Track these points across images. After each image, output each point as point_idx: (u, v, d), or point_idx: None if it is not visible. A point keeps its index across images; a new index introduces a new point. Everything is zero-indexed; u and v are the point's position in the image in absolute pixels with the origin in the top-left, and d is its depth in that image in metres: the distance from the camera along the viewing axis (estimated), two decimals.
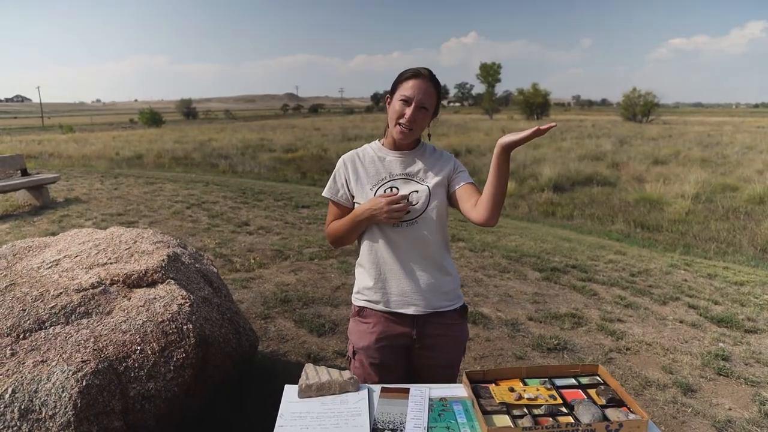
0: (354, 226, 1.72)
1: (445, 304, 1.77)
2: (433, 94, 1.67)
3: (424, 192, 1.72)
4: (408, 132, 1.68)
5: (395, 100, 1.67)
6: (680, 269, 6.19)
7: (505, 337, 3.80)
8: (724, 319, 4.33)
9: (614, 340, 3.83)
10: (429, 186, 1.73)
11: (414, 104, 1.64)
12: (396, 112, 1.67)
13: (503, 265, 5.70)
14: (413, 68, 1.68)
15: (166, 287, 2.23)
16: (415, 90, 1.63)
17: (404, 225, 1.71)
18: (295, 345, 3.54)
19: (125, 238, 2.70)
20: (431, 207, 1.71)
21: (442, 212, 1.75)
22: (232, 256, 5.60)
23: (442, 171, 1.77)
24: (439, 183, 1.74)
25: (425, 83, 1.65)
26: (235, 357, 2.40)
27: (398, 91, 1.67)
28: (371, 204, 1.66)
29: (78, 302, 2.03)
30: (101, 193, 9.45)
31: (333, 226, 1.79)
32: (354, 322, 1.83)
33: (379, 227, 1.72)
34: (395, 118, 1.67)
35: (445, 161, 1.80)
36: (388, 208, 1.62)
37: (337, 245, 1.81)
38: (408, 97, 1.64)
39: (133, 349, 1.87)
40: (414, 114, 1.65)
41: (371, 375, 1.75)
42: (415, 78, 1.65)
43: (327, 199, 1.82)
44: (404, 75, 1.67)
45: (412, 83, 1.64)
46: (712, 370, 3.40)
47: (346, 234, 1.75)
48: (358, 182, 1.76)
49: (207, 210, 8.07)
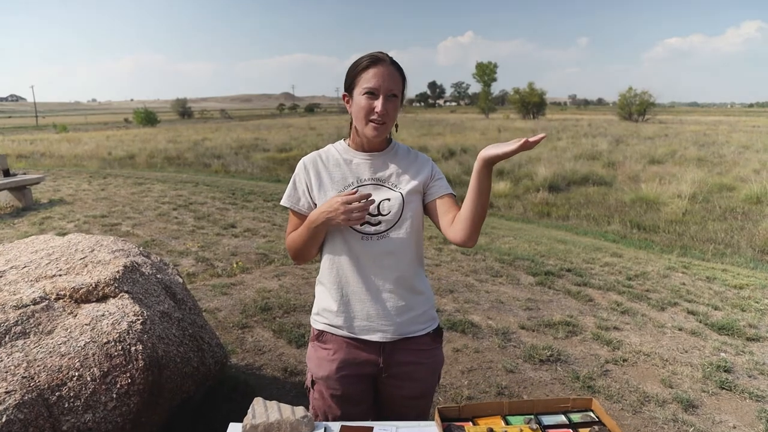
0: (311, 235, 1.49)
1: (416, 328, 1.55)
2: (398, 79, 1.46)
3: (396, 199, 1.50)
4: (382, 126, 1.46)
5: (357, 96, 1.45)
6: (678, 272, 6.01)
7: (495, 347, 3.60)
8: (725, 326, 4.14)
9: (610, 351, 3.63)
10: (402, 192, 1.52)
11: (382, 94, 1.42)
12: (363, 108, 1.44)
13: (496, 268, 5.50)
14: (367, 54, 1.46)
15: (117, 302, 2.02)
16: (379, 78, 1.42)
17: (373, 238, 1.49)
18: (272, 357, 3.34)
19: (82, 246, 2.49)
20: (405, 217, 1.50)
21: (417, 223, 1.53)
22: (215, 260, 5.39)
23: (418, 175, 1.55)
24: (414, 189, 1.53)
25: (387, 68, 1.43)
26: (197, 377, 2.20)
27: (359, 84, 1.45)
28: (326, 206, 1.43)
29: (15, 320, 1.82)
30: (87, 194, 9.23)
31: (290, 238, 1.56)
32: (313, 348, 1.60)
33: (344, 240, 1.50)
34: (364, 116, 1.45)
35: (421, 164, 1.58)
36: (345, 209, 1.38)
37: (299, 260, 1.58)
38: (373, 88, 1.42)
39: (69, 375, 1.66)
40: (385, 105, 1.42)
41: (333, 408, 1.54)
42: (374, 65, 1.43)
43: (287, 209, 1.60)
44: (360, 65, 1.45)
45: (374, 71, 1.42)
46: (714, 384, 3.21)
47: (304, 246, 1.52)
48: (321, 189, 1.53)
49: (194, 211, 7.86)
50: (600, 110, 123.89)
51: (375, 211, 1.49)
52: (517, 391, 3.03)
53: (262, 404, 1.31)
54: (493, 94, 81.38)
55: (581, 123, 43.82)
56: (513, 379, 3.17)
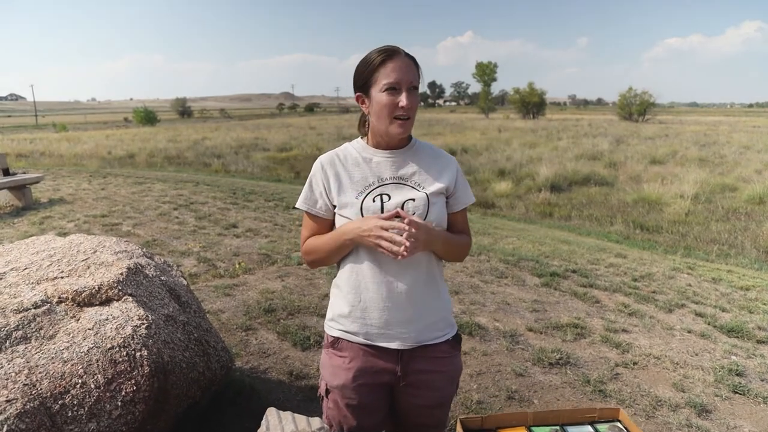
0: (338, 247, 1.42)
1: (434, 335, 1.49)
2: (415, 70, 1.40)
3: (421, 200, 1.43)
4: (408, 122, 1.40)
5: (377, 94, 1.37)
6: (683, 273, 5.95)
7: (503, 350, 3.54)
8: (734, 328, 4.09)
9: (620, 353, 3.57)
10: (427, 193, 1.44)
11: (404, 88, 1.36)
12: (386, 106, 1.37)
13: (500, 269, 5.44)
14: (379, 49, 1.39)
15: (121, 306, 1.96)
16: (398, 72, 1.35)
17: None
18: (277, 360, 3.27)
19: (84, 248, 2.43)
20: (429, 219, 1.42)
21: (441, 227, 1.46)
22: (217, 260, 5.33)
23: (442, 176, 1.49)
24: (438, 191, 1.46)
25: (404, 60, 1.38)
26: (203, 382, 2.14)
27: (377, 81, 1.37)
28: (362, 223, 1.37)
29: (15, 325, 1.76)
30: (88, 193, 9.16)
31: (311, 244, 1.48)
32: (327, 355, 1.53)
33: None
34: (388, 114, 1.37)
35: (445, 164, 1.52)
36: (379, 233, 1.32)
37: (315, 265, 1.51)
38: (394, 83, 1.35)
39: (72, 383, 1.60)
40: (409, 99, 1.36)
41: (348, 418, 1.48)
42: (390, 59, 1.36)
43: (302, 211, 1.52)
44: (375, 61, 1.37)
45: (392, 66, 1.36)
46: (727, 388, 3.16)
47: (326, 256, 1.45)
48: (340, 190, 1.45)
49: (195, 211, 7.79)
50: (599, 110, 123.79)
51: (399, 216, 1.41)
52: (527, 396, 2.98)
53: (275, 415, 1.25)
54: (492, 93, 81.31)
55: (581, 123, 43.78)
56: (523, 383, 3.11)
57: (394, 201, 1.42)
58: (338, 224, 1.47)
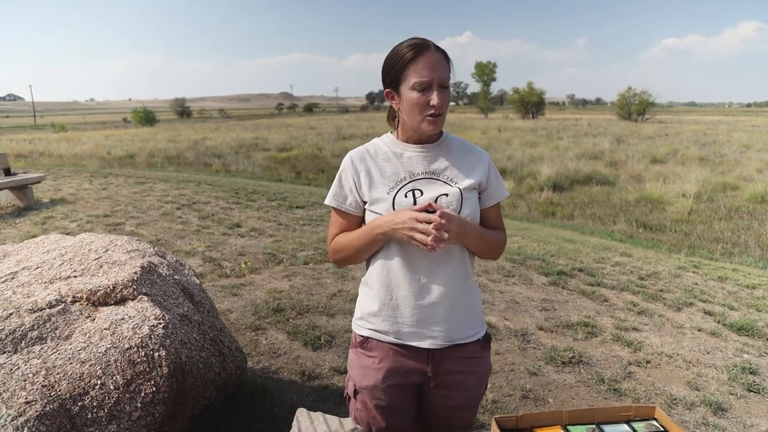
0: (370, 242, 1.38)
1: (466, 334, 1.46)
2: (446, 65, 1.34)
3: (454, 195, 1.39)
4: (439, 118, 1.35)
5: (407, 91, 1.33)
6: (689, 271, 5.94)
7: (515, 349, 3.51)
8: (744, 326, 4.07)
9: (632, 352, 3.55)
10: (460, 188, 1.41)
11: (435, 86, 1.31)
12: (416, 104, 1.32)
13: (507, 268, 5.42)
14: (409, 43, 1.33)
15: (137, 305, 1.93)
16: (429, 69, 1.30)
17: None
18: (288, 360, 3.25)
19: (96, 246, 2.40)
20: (463, 214, 1.39)
21: (475, 222, 1.42)
22: (222, 260, 5.30)
23: (475, 171, 1.45)
24: (471, 186, 1.42)
25: (434, 55, 1.32)
26: (219, 383, 2.11)
27: (408, 78, 1.32)
28: (395, 216, 1.33)
29: (31, 325, 1.73)
30: (89, 193, 9.12)
31: (341, 241, 1.45)
32: (355, 355, 1.49)
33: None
34: (419, 111, 1.33)
35: (478, 159, 1.48)
36: (412, 225, 1.28)
37: (344, 264, 1.47)
38: (426, 81, 1.30)
39: (91, 384, 1.57)
40: (440, 97, 1.31)
41: (377, 419, 1.45)
42: (421, 55, 1.31)
43: (330, 207, 1.48)
44: (406, 56, 1.32)
45: (423, 63, 1.30)
46: (741, 386, 3.13)
47: (357, 252, 1.41)
48: (371, 185, 1.41)
49: (198, 211, 7.76)
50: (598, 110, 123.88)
51: (431, 208, 1.38)
52: (542, 395, 2.95)
53: (306, 416, 1.22)
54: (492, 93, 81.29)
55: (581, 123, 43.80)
56: (537, 382, 3.09)
57: (426, 196, 1.39)
58: (368, 221, 1.43)
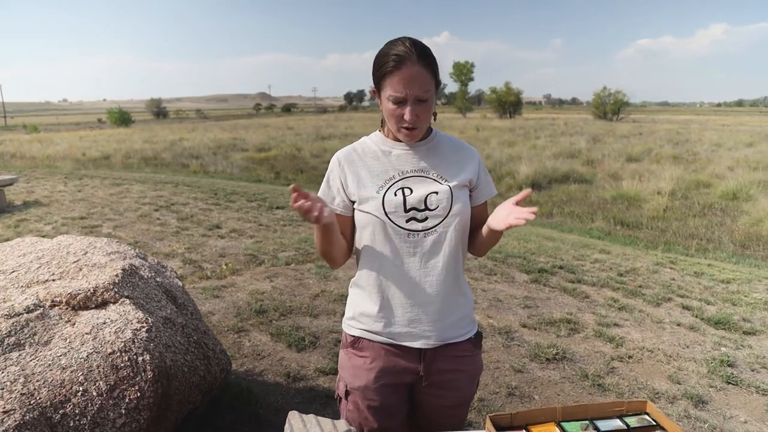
0: (320, 235, 1.37)
1: (458, 333, 1.45)
2: (426, 78, 1.30)
3: (444, 193, 1.38)
4: (416, 131, 1.34)
5: (385, 99, 1.32)
6: (666, 267, 6.04)
7: (499, 347, 3.53)
8: (721, 320, 4.15)
9: (614, 348, 3.60)
10: (450, 185, 1.40)
11: (410, 101, 1.29)
12: (391, 115, 1.32)
13: (489, 266, 5.45)
14: (393, 52, 1.28)
15: (118, 308, 1.88)
16: (404, 86, 1.27)
17: (420, 235, 1.37)
18: (272, 362, 3.21)
19: (74, 249, 2.34)
20: (454, 212, 1.38)
21: (464, 219, 1.41)
22: (203, 261, 5.23)
23: (465, 168, 1.44)
24: (461, 183, 1.42)
25: (412, 69, 1.27)
26: (204, 386, 2.07)
27: (385, 88, 1.31)
28: None
29: (7, 331, 1.67)
30: (64, 195, 8.93)
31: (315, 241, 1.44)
32: (346, 355, 1.47)
33: (387, 238, 1.37)
34: (395, 122, 1.33)
35: (467, 156, 1.47)
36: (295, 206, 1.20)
37: (331, 264, 1.46)
38: (398, 97, 1.29)
39: (73, 391, 1.52)
40: (414, 111, 1.30)
41: (369, 420, 1.43)
42: (399, 69, 1.27)
43: None
44: (386, 67, 1.29)
45: (398, 77, 1.27)
46: (720, 379, 3.20)
47: (320, 247, 1.41)
48: (359, 184, 1.40)
49: (176, 212, 7.64)
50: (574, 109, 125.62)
51: (422, 206, 1.37)
52: (528, 392, 2.97)
53: (299, 419, 1.20)
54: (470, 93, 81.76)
55: (557, 122, 44.32)
56: (522, 379, 3.10)
57: (416, 194, 1.37)
58: (357, 220, 1.42)
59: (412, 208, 1.36)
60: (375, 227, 1.38)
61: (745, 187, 12.21)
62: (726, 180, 13.33)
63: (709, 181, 13.71)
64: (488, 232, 1.38)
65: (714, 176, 14.36)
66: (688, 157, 18.86)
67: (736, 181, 12.94)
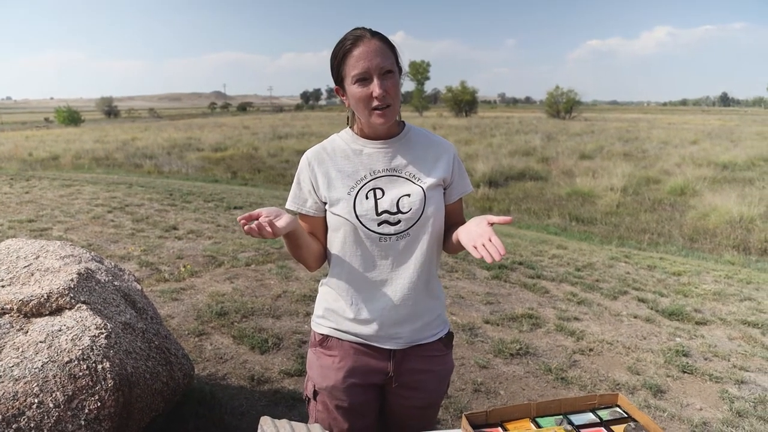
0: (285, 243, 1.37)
1: (429, 334, 1.44)
2: (386, 51, 1.26)
3: (417, 195, 1.34)
4: (388, 110, 1.28)
5: (350, 86, 1.27)
6: (621, 261, 6.23)
7: (464, 343, 3.56)
8: (674, 312, 4.31)
9: (575, 341, 3.68)
10: (423, 187, 1.35)
11: (375, 75, 1.24)
12: (360, 99, 1.26)
13: (450, 263, 5.49)
14: (346, 36, 1.27)
15: (75, 314, 1.79)
16: (365, 59, 1.24)
17: (392, 239, 1.34)
18: (235, 365, 3.14)
19: (25, 253, 2.22)
20: (426, 214, 1.34)
21: (438, 221, 1.38)
22: (160, 264, 5.07)
23: (438, 165, 1.39)
24: (435, 183, 1.37)
25: (370, 43, 1.25)
26: (166, 393, 2.00)
27: (347, 73, 1.27)
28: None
29: None
30: (10, 197, 8.49)
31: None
32: (315, 354, 1.44)
33: (358, 241, 1.34)
34: (364, 106, 1.27)
35: (441, 152, 1.42)
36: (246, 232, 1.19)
37: (308, 268, 1.44)
38: (363, 72, 1.24)
39: (27, 403, 1.44)
40: (383, 85, 1.24)
41: (339, 421, 1.40)
42: (356, 46, 1.25)
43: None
44: (341, 50, 1.27)
45: (357, 53, 1.24)
46: (676, 368, 3.31)
47: (291, 252, 1.40)
48: (330, 185, 1.35)
49: (131, 214, 7.39)
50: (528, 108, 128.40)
51: (394, 209, 1.33)
52: (493, 387, 3.00)
53: (271, 424, 1.16)
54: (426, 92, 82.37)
55: (512, 120, 45.20)
56: (487, 375, 3.14)
57: (388, 196, 1.34)
58: (330, 222, 1.38)
59: (384, 212, 1.33)
60: (346, 230, 1.35)
61: (692, 183, 12.75)
62: (674, 176, 13.89)
63: (659, 177, 14.25)
64: (459, 243, 1.33)
65: (663, 172, 14.93)
66: (638, 154, 19.54)
67: (684, 177, 13.50)
